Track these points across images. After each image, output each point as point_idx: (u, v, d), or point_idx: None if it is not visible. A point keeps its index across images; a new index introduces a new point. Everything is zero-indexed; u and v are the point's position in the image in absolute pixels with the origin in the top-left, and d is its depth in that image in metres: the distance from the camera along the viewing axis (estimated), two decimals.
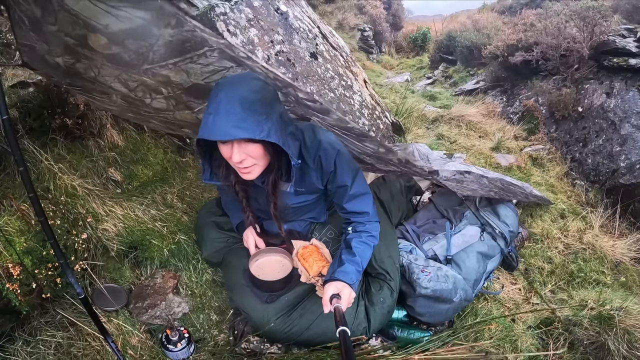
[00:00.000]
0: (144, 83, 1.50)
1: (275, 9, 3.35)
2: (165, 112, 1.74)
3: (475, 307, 2.11)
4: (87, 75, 1.53)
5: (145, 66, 1.34)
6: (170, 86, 1.49)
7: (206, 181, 1.50)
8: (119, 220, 1.92)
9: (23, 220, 1.55)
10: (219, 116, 1.14)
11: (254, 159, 1.27)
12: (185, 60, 1.29)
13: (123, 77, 1.48)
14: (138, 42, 1.21)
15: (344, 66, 3.49)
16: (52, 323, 1.56)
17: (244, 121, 1.14)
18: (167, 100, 1.61)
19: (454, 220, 2.23)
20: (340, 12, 8.97)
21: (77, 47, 1.33)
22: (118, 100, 1.75)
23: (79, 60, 1.44)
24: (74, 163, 2.00)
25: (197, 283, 1.96)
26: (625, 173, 3.05)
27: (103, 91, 1.66)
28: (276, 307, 1.61)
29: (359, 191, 1.55)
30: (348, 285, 1.42)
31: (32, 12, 1.24)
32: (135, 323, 1.71)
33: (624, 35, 3.74)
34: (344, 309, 1.33)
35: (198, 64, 1.30)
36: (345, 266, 1.46)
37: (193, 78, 1.39)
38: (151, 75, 1.40)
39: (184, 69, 1.34)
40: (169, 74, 1.38)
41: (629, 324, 1.91)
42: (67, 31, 1.25)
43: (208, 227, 1.94)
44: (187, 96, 1.56)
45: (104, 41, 1.24)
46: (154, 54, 1.26)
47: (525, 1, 8.10)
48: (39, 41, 1.41)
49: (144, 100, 1.63)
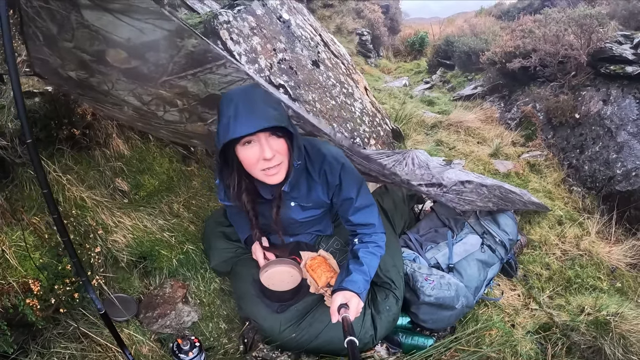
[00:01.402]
0: (160, 96, 1.52)
1: (278, 17, 3.40)
2: (176, 124, 1.78)
3: (476, 313, 2.15)
4: (100, 89, 1.55)
5: (163, 78, 1.37)
6: (187, 97, 1.51)
7: (222, 201, 1.54)
8: (127, 231, 1.94)
9: (36, 234, 1.57)
10: (241, 114, 1.18)
11: (281, 155, 1.32)
12: (205, 71, 1.31)
13: (138, 91, 1.51)
14: (159, 54, 1.24)
15: (345, 74, 3.54)
16: (64, 335, 1.57)
17: (268, 114, 1.19)
18: (181, 113, 1.64)
19: (455, 229, 2.28)
20: (338, 16, 9.01)
21: (93, 63, 1.36)
22: (129, 112, 1.77)
23: (93, 75, 1.46)
24: (81, 174, 2.02)
25: (205, 292, 1.99)
26: (621, 180, 3.12)
27: (115, 103, 1.69)
28: (286, 317, 1.65)
29: (364, 203, 1.58)
30: (356, 295, 1.44)
31: (48, 29, 1.26)
32: (145, 333, 1.73)
33: (620, 42, 3.81)
34: (352, 319, 1.35)
35: (217, 74, 1.33)
36: (353, 275, 1.48)
37: (210, 88, 1.42)
38: (168, 87, 1.43)
39: (202, 80, 1.37)
40: (186, 85, 1.41)
41: (624, 329, 1.97)
42: (84, 47, 1.27)
43: (216, 238, 1.98)
44: (202, 107, 1.59)
45: (124, 55, 1.26)
46: (174, 65, 1.28)
47: (522, 6, 8.18)
48: (53, 56, 1.43)
49: (156, 113, 1.66)
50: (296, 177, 1.47)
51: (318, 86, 3.16)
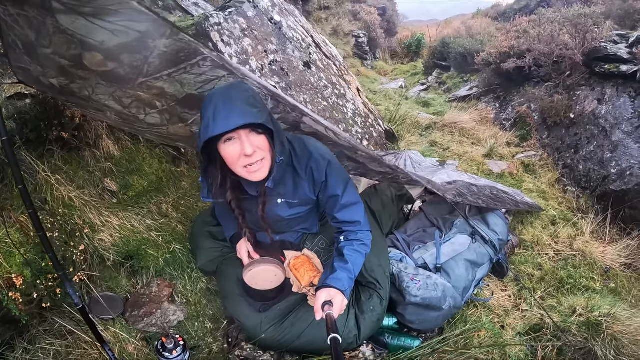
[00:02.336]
0: (139, 98, 1.53)
1: (269, 19, 3.41)
2: (159, 127, 1.78)
3: (465, 314, 2.14)
4: (81, 95, 1.56)
5: (140, 79, 1.38)
6: (165, 98, 1.52)
7: (204, 199, 1.54)
8: (115, 230, 1.95)
9: (22, 232, 1.59)
10: (220, 113, 1.20)
11: (262, 151, 1.33)
12: (180, 71, 1.32)
13: (117, 95, 1.52)
14: (133, 56, 1.24)
15: (337, 75, 3.55)
16: (50, 332, 1.59)
17: (245, 111, 1.21)
18: (161, 115, 1.65)
19: (444, 229, 2.27)
20: (335, 18, 9.03)
21: (72, 68, 1.36)
22: (112, 117, 1.78)
23: (73, 81, 1.47)
24: (70, 174, 2.03)
25: (192, 292, 1.99)
26: (616, 179, 3.10)
27: (98, 108, 1.70)
28: (269, 316, 1.65)
29: (350, 201, 1.59)
30: (340, 292, 1.44)
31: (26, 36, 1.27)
32: (131, 331, 1.74)
33: (616, 42, 3.80)
34: (335, 316, 1.35)
35: (192, 74, 1.34)
36: (338, 273, 1.49)
37: (187, 89, 1.43)
38: (146, 88, 1.44)
39: (178, 80, 1.38)
40: (163, 86, 1.41)
41: (616, 330, 1.95)
42: (62, 53, 1.28)
43: (203, 237, 1.98)
44: (181, 108, 1.60)
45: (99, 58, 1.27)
46: (149, 67, 1.29)
47: (518, 7, 8.18)
48: (33, 64, 1.44)
49: (137, 117, 1.67)
50: (281, 174, 1.48)
51: (310, 87, 3.17)
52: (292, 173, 1.54)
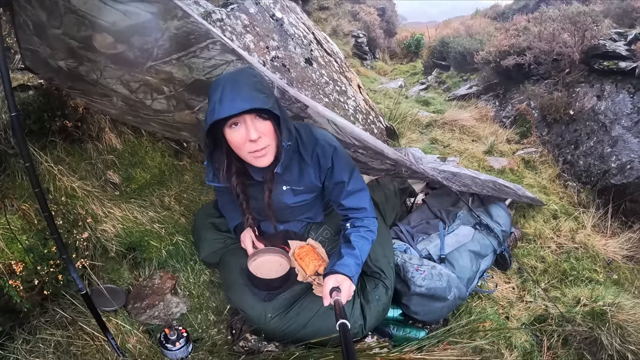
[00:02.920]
0: (146, 83, 1.53)
1: (271, 15, 3.42)
2: (165, 114, 1.77)
3: (469, 305, 2.14)
4: (89, 78, 1.56)
5: (149, 63, 1.38)
6: (173, 83, 1.52)
7: (209, 182, 1.54)
8: (117, 221, 1.94)
9: (24, 219, 1.58)
10: (226, 97, 1.21)
11: (267, 137, 1.33)
12: (189, 55, 1.32)
13: (125, 78, 1.52)
14: (144, 38, 1.24)
15: (338, 72, 3.55)
16: (51, 322, 1.57)
17: (252, 96, 1.22)
18: (168, 101, 1.65)
19: (447, 221, 2.27)
20: (334, 18, 9.06)
21: (81, 50, 1.36)
22: (119, 103, 1.78)
23: (81, 63, 1.47)
24: (73, 165, 2.02)
25: (194, 284, 1.98)
26: (616, 173, 3.11)
27: (104, 94, 1.69)
28: (274, 306, 1.63)
29: (356, 187, 1.59)
30: (348, 278, 1.43)
31: (37, 17, 1.27)
32: (133, 323, 1.73)
33: (614, 39, 3.83)
34: (343, 302, 1.34)
35: (201, 58, 1.34)
36: (345, 259, 1.48)
37: (195, 74, 1.43)
38: (154, 72, 1.44)
39: (187, 64, 1.38)
40: (172, 70, 1.41)
41: (621, 318, 1.95)
42: (72, 34, 1.28)
43: (205, 229, 1.97)
44: (189, 94, 1.59)
45: (109, 40, 1.27)
46: (159, 50, 1.29)
47: (517, 7, 8.23)
48: (42, 45, 1.44)
49: (144, 102, 1.67)
50: (288, 159, 1.47)
51: (311, 84, 3.17)
52: (297, 159, 1.54)
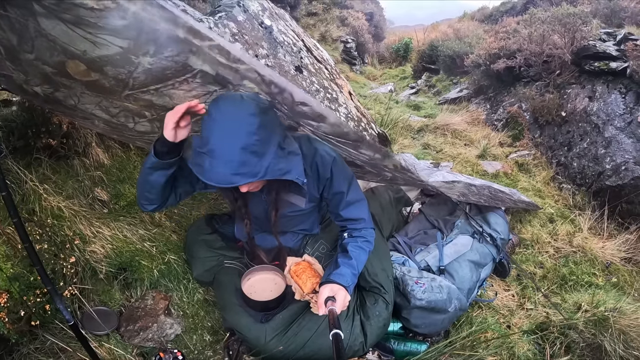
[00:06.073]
0: (126, 108, 1.46)
1: (260, 23, 3.37)
2: (150, 135, 1.71)
3: (470, 315, 2.10)
4: (67, 104, 1.49)
5: (126, 92, 1.30)
6: (154, 109, 1.46)
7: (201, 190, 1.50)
8: (106, 241, 1.87)
9: (9, 244, 1.51)
10: (216, 161, 1.13)
11: (256, 188, 1.35)
12: (167, 87, 1.25)
13: (104, 104, 1.45)
14: (117, 69, 1.16)
15: (329, 79, 3.51)
16: (42, 349, 1.51)
17: (243, 166, 1.13)
18: (152, 123, 1.58)
19: (445, 230, 2.23)
20: (322, 24, 9.05)
21: (56, 76, 1.29)
22: (100, 125, 1.71)
23: (57, 89, 1.40)
24: (59, 183, 1.96)
25: (188, 303, 1.91)
26: (611, 175, 3.10)
27: (85, 117, 1.63)
28: (271, 327, 1.58)
29: (355, 198, 1.57)
30: (343, 288, 1.42)
31: (8, 40, 1.20)
32: (127, 347, 1.66)
33: (603, 40, 3.84)
34: (338, 312, 1.33)
35: (180, 90, 1.26)
36: (341, 269, 1.47)
37: (177, 101, 1.36)
38: (133, 100, 1.37)
39: (167, 94, 1.30)
40: (151, 99, 1.34)
41: (623, 324, 1.93)
42: (45, 59, 1.20)
43: (198, 246, 1.91)
44: None
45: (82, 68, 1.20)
46: (134, 81, 1.21)
47: (504, 9, 8.29)
48: (16, 70, 1.37)
49: (126, 125, 1.60)
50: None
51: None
52: None
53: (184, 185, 1.51)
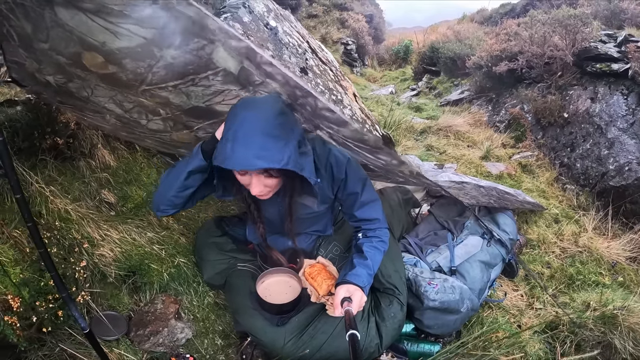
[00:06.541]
0: (141, 104, 1.44)
1: (265, 24, 3.35)
2: (161, 133, 1.69)
3: (480, 316, 2.11)
4: (79, 95, 1.46)
5: (143, 87, 1.28)
6: (169, 107, 1.43)
7: (220, 197, 1.47)
8: (115, 244, 1.84)
9: (17, 248, 1.48)
10: (238, 144, 1.11)
11: (271, 189, 1.31)
12: (187, 83, 1.22)
13: (118, 98, 1.42)
14: (137, 62, 1.14)
15: (333, 80, 3.50)
16: (50, 356, 1.47)
17: (265, 149, 1.11)
18: (165, 122, 1.56)
19: (454, 231, 2.23)
20: (323, 26, 9.06)
21: (70, 67, 1.26)
22: (112, 120, 1.68)
23: (71, 79, 1.37)
24: (65, 185, 1.92)
25: (199, 307, 1.89)
26: (614, 175, 3.12)
27: (96, 110, 1.60)
28: (287, 330, 1.57)
29: (369, 198, 1.56)
30: (359, 288, 1.41)
31: (22, 28, 1.17)
32: (137, 352, 1.63)
33: (604, 41, 3.86)
34: (354, 312, 1.32)
35: (200, 86, 1.24)
36: (357, 269, 1.46)
37: (194, 101, 1.33)
38: (149, 96, 1.35)
39: (185, 92, 1.28)
40: (168, 96, 1.32)
41: (632, 322, 1.95)
42: (60, 49, 1.17)
43: (208, 249, 1.89)
44: (186, 117, 1.51)
45: (100, 60, 1.17)
46: (153, 76, 1.18)
47: (504, 11, 8.32)
48: (29, 58, 1.35)
49: (139, 122, 1.58)
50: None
51: None
52: None
53: (204, 189, 1.50)
